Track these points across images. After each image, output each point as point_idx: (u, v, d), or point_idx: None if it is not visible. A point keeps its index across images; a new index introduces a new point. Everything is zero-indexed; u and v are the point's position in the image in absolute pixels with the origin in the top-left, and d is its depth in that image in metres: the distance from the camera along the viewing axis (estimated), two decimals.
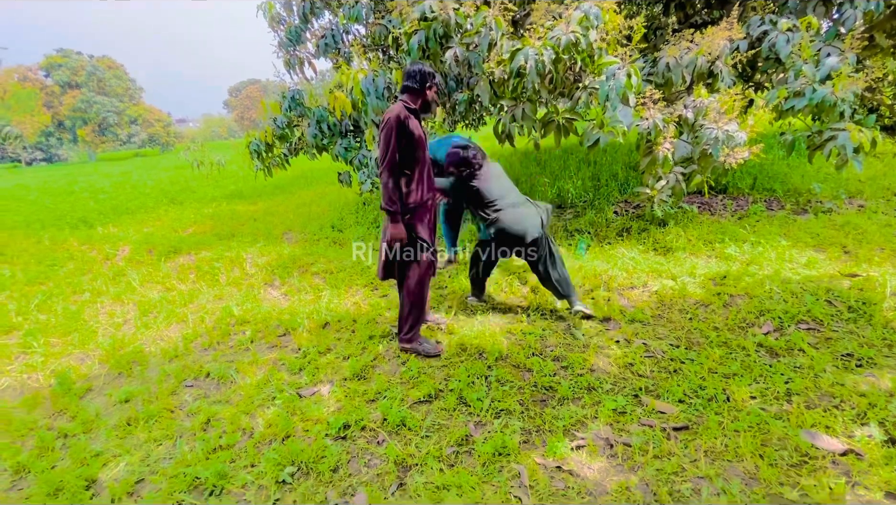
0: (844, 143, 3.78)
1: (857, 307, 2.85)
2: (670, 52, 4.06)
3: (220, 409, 2.38)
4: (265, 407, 2.36)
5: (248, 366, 2.76)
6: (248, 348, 3.03)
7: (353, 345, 2.93)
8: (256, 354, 2.89)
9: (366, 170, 5.43)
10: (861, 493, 1.59)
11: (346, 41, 5.90)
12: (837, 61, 4.08)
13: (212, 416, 2.32)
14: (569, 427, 2.06)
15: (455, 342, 2.86)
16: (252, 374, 2.68)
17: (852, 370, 2.29)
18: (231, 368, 2.75)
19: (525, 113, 3.82)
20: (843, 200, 4.95)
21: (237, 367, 2.76)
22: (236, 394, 2.51)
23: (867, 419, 1.93)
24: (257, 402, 2.41)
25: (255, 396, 2.45)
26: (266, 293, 4.02)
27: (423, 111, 2.66)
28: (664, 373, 2.41)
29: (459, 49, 3.50)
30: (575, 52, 3.34)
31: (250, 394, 2.47)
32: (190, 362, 2.89)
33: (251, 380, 2.62)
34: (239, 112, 54.54)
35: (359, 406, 2.30)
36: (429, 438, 2.06)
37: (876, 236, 3.91)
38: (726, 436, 1.91)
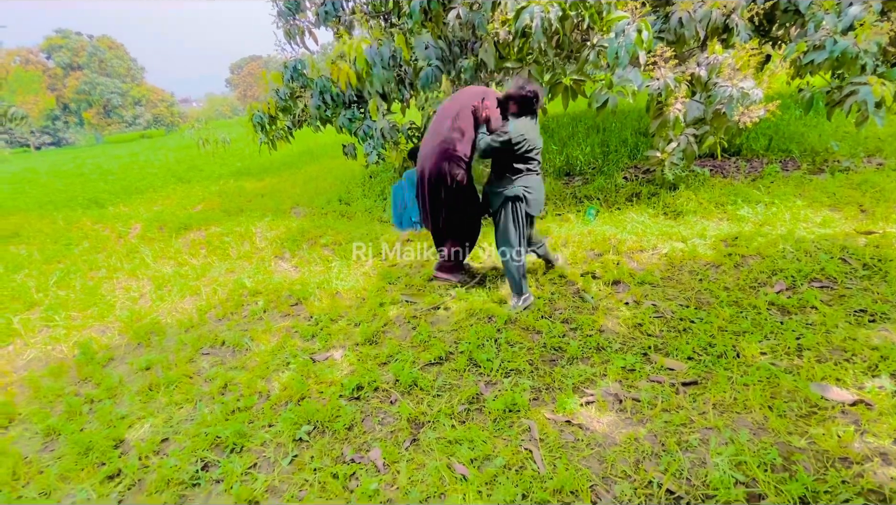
0: (866, 98, 3.64)
1: (873, 264, 2.80)
2: (683, 6, 3.89)
3: (236, 374, 2.44)
4: (280, 371, 2.42)
5: (262, 334, 2.82)
6: (262, 318, 3.09)
7: (364, 312, 2.97)
8: (269, 323, 2.95)
9: (371, 141, 5.38)
10: (870, 440, 1.60)
11: (346, 8, 5.74)
12: (861, 10, 3.87)
13: (229, 381, 2.39)
14: (578, 385, 2.09)
15: (464, 308, 2.88)
16: (266, 341, 2.74)
17: (865, 325, 2.28)
18: (245, 336, 2.82)
19: (531, 75, 3.72)
20: (861, 159, 4.80)
21: (251, 335, 2.82)
22: (251, 360, 2.57)
23: (879, 371, 1.93)
24: (272, 367, 2.47)
25: (269, 362, 2.51)
26: (276, 266, 4.07)
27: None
28: (673, 332, 2.42)
29: (462, 9, 3.39)
30: (583, 7, 3.22)
31: (265, 360, 2.54)
32: (206, 332, 2.96)
33: (265, 347, 2.68)
34: (241, 90, 53.90)
35: (371, 369, 2.35)
36: (440, 396, 2.10)
37: (894, 194, 3.80)
38: (735, 390, 1.92)
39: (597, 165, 5.60)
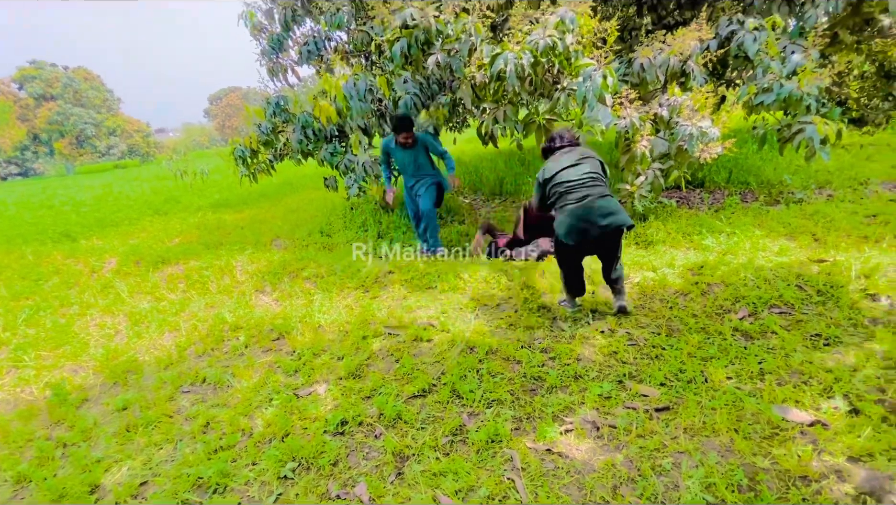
0: (812, 136, 3.98)
1: (826, 290, 3.01)
2: (644, 53, 4.22)
3: (218, 412, 2.42)
4: (263, 408, 2.41)
5: (244, 370, 2.81)
6: (243, 353, 3.07)
7: (347, 345, 3.00)
8: (251, 358, 2.94)
9: (352, 174, 5.50)
10: (826, 458, 1.72)
11: (328, 48, 5.97)
12: (802, 58, 4.28)
13: (210, 419, 2.37)
14: (557, 413, 2.16)
15: (446, 339, 2.94)
16: (248, 377, 2.73)
17: (820, 349, 2.44)
18: (227, 372, 2.80)
19: (507, 115, 3.94)
20: (812, 191, 5.17)
21: (233, 371, 2.80)
22: (233, 397, 2.56)
23: (833, 393, 2.07)
24: (255, 403, 2.46)
25: (252, 399, 2.50)
26: (258, 299, 4.06)
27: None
28: (646, 359, 2.53)
29: (441, 55, 3.60)
30: (552, 55, 3.47)
31: (247, 396, 2.52)
32: (185, 369, 2.92)
33: (247, 383, 2.67)
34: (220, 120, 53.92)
35: (355, 403, 2.37)
36: (424, 429, 2.14)
37: (843, 224, 4.11)
38: (704, 414, 2.03)
39: None
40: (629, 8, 5.81)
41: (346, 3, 4.92)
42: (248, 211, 8.39)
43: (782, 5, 4.72)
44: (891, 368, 2.21)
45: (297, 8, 5.93)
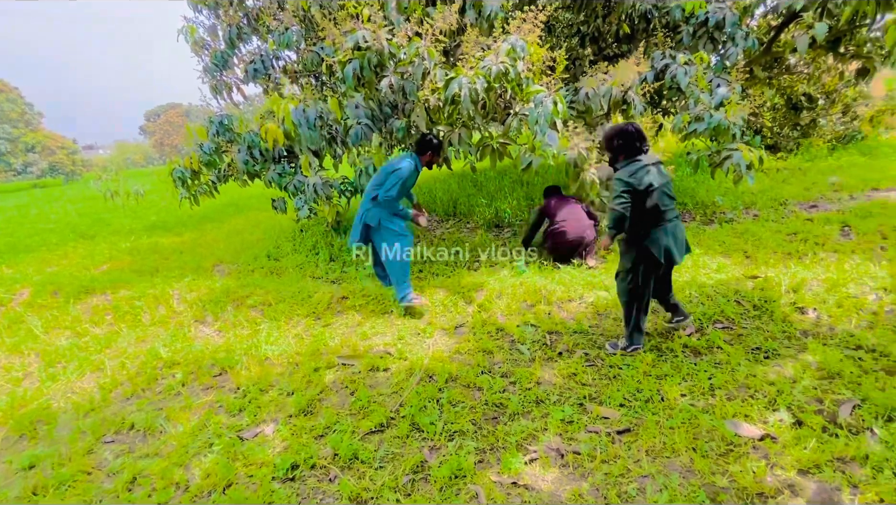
0: (738, 161, 4.31)
1: (761, 305, 3.21)
2: (589, 84, 4.43)
3: (147, 463, 2.15)
4: (202, 455, 2.17)
5: (180, 412, 2.53)
6: (180, 393, 2.78)
7: (298, 379, 2.80)
8: (189, 398, 2.66)
9: (302, 196, 5.30)
10: (778, 473, 1.77)
11: (276, 67, 5.80)
12: (727, 91, 4.67)
13: (138, 472, 2.10)
14: (521, 442, 2.10)
15: (404, 367, 2.83)
16: (185, 420, 2.46)
17: (761, 362, 2.57)
18: (160, 416, 2.51)
19: (461, 138, 3.96)
20: (741, 211, 5.60)
21: (167, 414, 2.52)
22: (167, 445, 2.29)
23: (777, 405, 2.17)
24: (192, 450, 2.21)
25: (189, 445, 2.25)
26: (197, 331, 3.74)
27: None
28: (605, 379, 2.55)
29: (394, 78, 3.58)
30: (505, 80, 3.54)
31: (184, 442, 2.27)
32: (109, 415, 2.59)
33: (184, 427, 2.40)
34: (158, 138, 50.98)
35: (307, 443, 2.19)
36: (383, 468, 2.00)
37: (769, 241, 4.45)
38: (663, 434, 2.05)
39: (524, 218, 5.96)
40: (573, 39, 6.13)
41: (296, 22, 4.81)
42: (188, 234, 7.86)
43: (707, 42, 5.16)
44: (825, 378, 2.35)
45: (244, 25, 5.75)
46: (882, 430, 1.92)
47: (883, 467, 1.72)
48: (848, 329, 2.79)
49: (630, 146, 2.59)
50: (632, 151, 2.59)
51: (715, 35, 5.10)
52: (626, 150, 2.61)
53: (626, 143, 2.59)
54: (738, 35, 5.10)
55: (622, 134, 2.60)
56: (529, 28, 3.55)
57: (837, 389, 2.24)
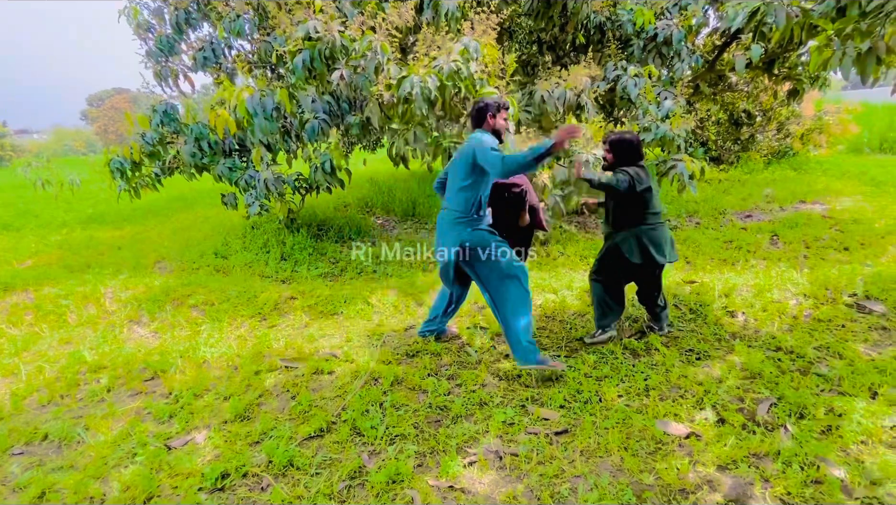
0: (682, 171, 4.53)
1: (696, 309, 3.38)
2: (544, 87, 4.52)
3: (60, 477, 1.99)
4: (122, 467, 2.03)
5: (102, 420, 2.36)
6: (104, 399, 2.60)
7: (236, 383, 2.68)
8: (113, 405, 2.49)
9: (253, 191, 5.10)
10: (700, 469, 1.87)
11: (228, 56, 5.56)
12: (673, 104, 4.90)
13: (48, 487, 1.93)
14: (461, 445, 2.10)
15: (350, 370, 2.77)
16: (106, 429, 2.30)
17: (693, 363, 2.70)
18: (78, 425, 2.33)
19: (417, 137, 3.94)
20: (684, 218, 5.90)
21: (87, 423, 2.35)
22: (84, 456, 2.13)
23: (704, 404, 2.29)
24: (112, 462, 2.06)
25: (109, 456, 2.10)
26: (130, 332, 3.52)
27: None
28: (548, 382, 2.60)
29: (346, 71, 3.51)
30: (457, 79, 3.55)
31: (103, 454, 2.11)
32: (20, 424, 2.38)
33: (105, 437, 2.24)
34: (102, 124, 47.64)
35: (240, 451, 2.10)
36: (319, 475, 1.95)
37: (708, 248, 4.71)
38: (598, 434, 2.11)
39: None
40: (532, 46, 6.26)
41: (249, 10, 4.62)
42: (129, 228, 7.39)
43: (656, 57, 5.40)
44: (748, 378, 2.51)
45: (193, 10, 5.47)
46: (794, 426, 2.06)
47: (792, 462, 1.85)
48: (771, 332, 2.99)
49: (635, 154, 2.80)
50: (634, 158, 2.79)
51: (663, 50, 5.35)
52: (630, 156, 2.80)
53: (631, 151, 2.79)
54: (685, 52, 5.37)
55: (628, 142, 2.80)
56: (483, 29, 3.57)
57: (758, 389, 2.39)
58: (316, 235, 5.77)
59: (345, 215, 6.62)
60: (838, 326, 2.99)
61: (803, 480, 1.76)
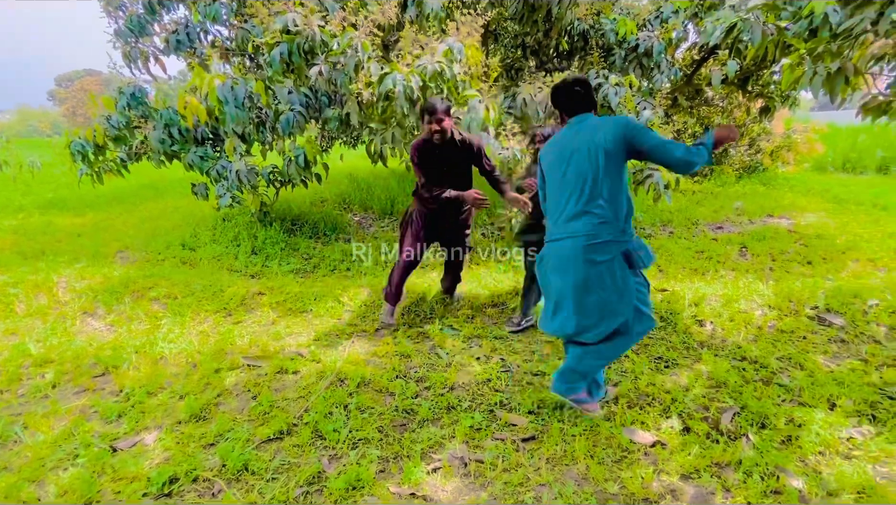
0: (658, 181, 4.59)
1: (667, 317, 3.42)
2: (527, 90, 4.52)
3: None
4: (61, 469, 1.89)
5: (43, 418, 2.21)
6: (48, 395, 2.44)
7: (194, 381, 2.56)
8: (57, 403, 2.33)
9: (225, 182, 4.93)
10: (664, 478, 1.86)
11: (203, 41, 5.36)
12: (651, 114, 4.97)
13: None
14: (426, 450, 2.05)
15: (315, 370, 2.68)
16: (47, 428, 2.15)
17: (661, 371, 2.72)
18: (16, 423, 2.17)
19: (395, 137, 3.87)
20: (658, 227, 6.00)
21: (25, 421, 2.19)
22: (20, 457, 1.98)
23: (670, 413, 2.29)
24: (50, 463, 1.92)
25: (47, 457, 1.96)
26: (83, 325, 3.33)
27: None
28: (518, 386, 2.57)
29: (325, 67, 3.41)
30: (441, 80, 3.50)
31: (41, 454, 1.97)
32: None
33: (45, 436, 2.09)
34: (70, 106, 45.66)
35: (193, 453, 1.98)
36: (275, 480, 1.86)
37: (680, 257, 4.79)
38: (565, 442, 2.09)
39: None
40: (517, 50, 6.27)
41: None
42: (91, 215, 7.06)
43: (636, 67, 5.48)
44: (713, 387, 2.53)
45: None
46: (756, 436, 2.09)
47: (753, 472, 1.86)
48: (737, 341, 3.04)
49: None
50: None
51: (644, 61, 5.43)
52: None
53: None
54: (664, 64, 5.47)
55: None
56: (468, 31, 3.54)
57: (722, 398, 2.41)
58: (289, 230, 5.62)
59: (321, 211, 6.48)
60: (800, 338, 3.07)
61: (763, 491, 1.77)
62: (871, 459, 1.95)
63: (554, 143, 2.12)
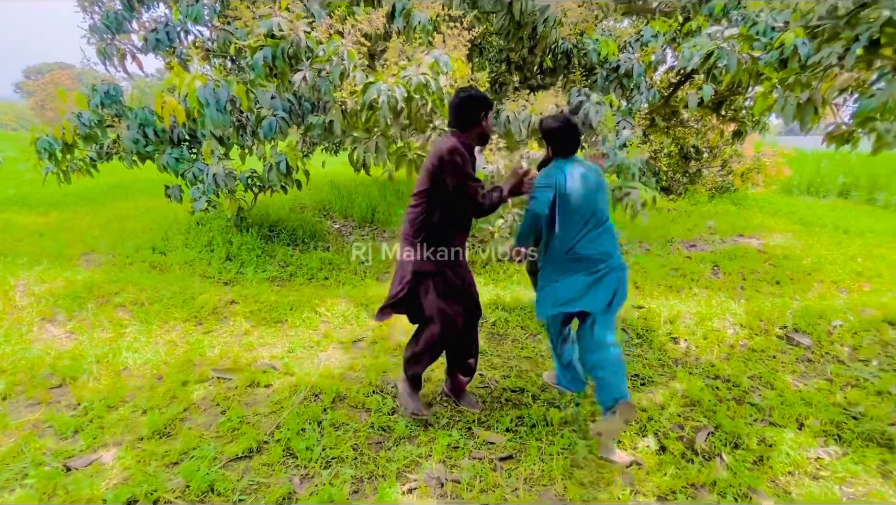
0: (636, 199, 4.69)
1: (643, 334, 3.46)
2: (510, 108, 4.56)
3: None
4: (7, 490, 1.76)
5: None
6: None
7: (159, 394, 2.44)
8: (6, 417, 2.18)
9: (201, 185, 4.79)
10: (640, 499, 1.86)
11: (183, 40, 5.24)
12: (630, 134, 5.09)
13: None
14: (402, 469, 1.99)
15: (289, 384, 2.60)
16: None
17: (638, 388, 2.74)
18: None
19: (379, 147, 3.84)
20: (635, 244, 6.12)
21: None
22: None
23: (647, 431, 2.31)
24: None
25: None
26: (42, 331, 3.15)
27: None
28: (496, 403, 2.54)
29: (309, 73, 3.37)
30: (426, 93, 3.50)
31: None
32: None
33: None
34: (39, 99, 43.90)
35: (154, 473, 1.88)
36: (242, 502, 1.77)
37: (655, 274, 4.89)
38: (543, 461, 2.07)
39: None
40: (501, 64, 6.35)
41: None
42: (56, 215, 6.76)
43: (617, 87, 5.62)
44: (688, 405, 2.57)
45: None
46: (729, 456, 2.12)
47: (727, 493, 1.88)
48: (710, 359, 3.10)
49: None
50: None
51: (624, 82, 5.57)
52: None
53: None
54: (643, 85, 5.62)
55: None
56: (455, 45, 3.55)
57: (697, 417, 2.44)
58: (266, 237, 5.49)
59: (300, 217, 6.36)
60: (770, 357, 3.15)
61: None
62: (838, 479, 2.00)
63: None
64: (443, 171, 2.12)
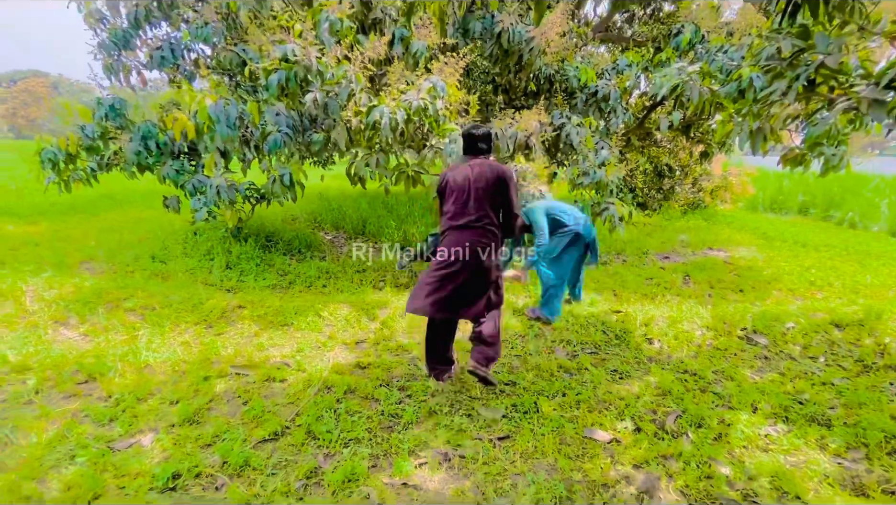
0: (614, 214, 5.11)
1: (621, 335, 3.82)
2: (497, 125, 4.95)
3: None
4: (62, 468, 1.96)
5: (34, 421, 2.24)
6: (33, 400, 2.45)
7: (184, 388, 2.64)
8: (46, 407, 2.36)
9: (203, 197, 4.98)
10: (619, 468, 2.17)
11: (188, 58, 5.48)
12: (608, 153, 5.53)
13: None
14: (413, 448, 2.26)
15: (302, 379, 2.83)
16: (40, 431, 2.19)
17: (617, 381, 3.08)
18: (5, 426, 2.19)
19: (379, 162, 4.14)
20: (613, 256, 6.54)
21: (14, 423, 2.21)
22: (14, 457, 2.01)
23: (624, 416, 2.63)
24: (49, 462, 1.98)
25: (44, 457, 2.01)
26: (57, 334, 3.30)
27: None
28: (492, 394, 2.83)
29: (319, 94, 3.67)
30: (423, 115, 3.84)
31: (37, 455, 2.02)
32: None
33: (38, 438, 2.13)
34: (11, 107, 42.81)
35: (191, 452, 2.10)
36: (275, 475, 2.01)
37: (632, 283, 5.29)
38: (536, 440, 2.36)
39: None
40: (488, 86, 6.78)
41: (218, 19, 4.65)
42: (46, 224, 6.79)
43: (595, 110, 6.09)
44: (660, 394, 2.90)
45: (153, 9, 5.36)
46: (694, 434, 2.45)
47: (691, 462, 2.21)
48: (680, 357, 3.46)
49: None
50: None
51: (602, 105, 6.05)
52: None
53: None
54: (619, 109, 6.11)
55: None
56: (451, 71, 3.92)
57: (667, 403, 2.78)
58: (264, 246, 5.70)
59: (293, 228, 6.58)
60: (732, 354, 3.54)
61: (698, 476, 2.12)
62: (783, 451, 2.35)
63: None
64: (506, 189, 2.56)
